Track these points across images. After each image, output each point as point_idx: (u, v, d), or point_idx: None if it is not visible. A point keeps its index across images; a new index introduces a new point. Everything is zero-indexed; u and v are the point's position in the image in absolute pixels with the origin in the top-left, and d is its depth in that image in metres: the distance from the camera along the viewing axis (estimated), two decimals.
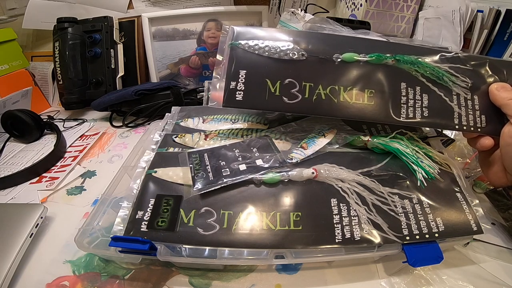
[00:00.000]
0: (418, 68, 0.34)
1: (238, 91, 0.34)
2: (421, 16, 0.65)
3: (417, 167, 0.33)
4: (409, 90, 0.35)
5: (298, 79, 0.35)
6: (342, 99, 0.34)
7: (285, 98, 0.34)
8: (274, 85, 0.35)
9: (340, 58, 0.35)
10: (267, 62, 0.35)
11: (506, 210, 0.35)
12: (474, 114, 0.34)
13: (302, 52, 0.35)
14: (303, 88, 0.35)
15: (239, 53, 0.35)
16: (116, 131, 0.61)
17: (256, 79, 0.35)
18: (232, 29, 0.36)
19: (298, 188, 0.32)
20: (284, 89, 0.35)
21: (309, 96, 0.34)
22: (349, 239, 0.29)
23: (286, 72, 0.35)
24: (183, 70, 0.73)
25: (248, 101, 0.35)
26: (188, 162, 0.34)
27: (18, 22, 0.71)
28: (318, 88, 0.35)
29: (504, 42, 0.54)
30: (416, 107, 0.34)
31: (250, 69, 0.35)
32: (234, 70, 0.35)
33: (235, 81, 0.35)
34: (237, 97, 0.34)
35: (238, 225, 0.30)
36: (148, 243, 0.28)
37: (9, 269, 0.31)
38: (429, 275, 0.32)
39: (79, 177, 0.48)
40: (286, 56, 0.35)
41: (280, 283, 0.32)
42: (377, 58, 0.35)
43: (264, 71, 0.35)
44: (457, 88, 0.35)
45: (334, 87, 0.35)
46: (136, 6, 0.72)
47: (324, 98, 0.34)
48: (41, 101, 0.72)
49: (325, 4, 0.76)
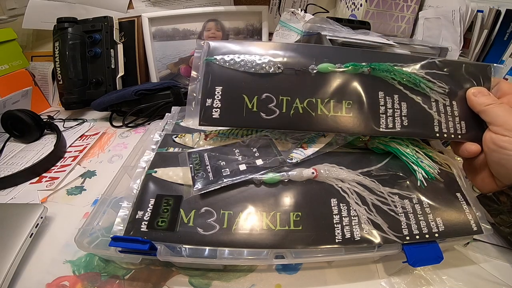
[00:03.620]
0: (394, 75, 0.34)
1: (215, 109, 0.34)
2: (421, 16, 0.65)
3: (417, 167, 0.33)
4: (387, 99, 0.34)
5: (275, 93, 0.34)
6: (320, 112, 0.34)
7: (262, 114, 0.34)
8: (252, 101, 0.34)
9: (316, 69, 0.34)
10: (243, 77, 0.34)
11: (498, 215, 0.34)
12: (454, 121, 0.34)
13: (278, 65, 0.34)
14: (280, 103, 0.34)
15: (215, 68, 0.34)
16: (116, 131, 0.61)
17: (232, 95, 0.34)
18: (208, 44, 0.35)
19: (298, 188, 0.32)
20: (261, 105, 0.34)
21: (287, 110, 0.34)
22: (349, 239, 0.29)
23: (263, 86, 0.34)
24: (183, 70, 0.73)
25: (225, 119, 0.34)
26: (188, 162, 0.34)
27: (18, 22, 0.71)
28: (296, 102, 0.34)
29: (504, 42, 0.54)
30: (396, 116, 0.34)
31: (226, 85, 0.34)
32: (210, 87, 0.34)
33: (211, 98, 0.34)
34: (213, 115, 0.34)
35: (238, 225, 0.30)
36: (148, 243, 0.28)
37: (9, 269, 0.31)
38: (429, 275, 0.32)
39: (79, 177, 0.48)
40: (262, 70, 0.34)
41: (280, 283, 0.32)
42: (353, 68, 0.34)
43: (240, 86, 0.34)
44: (435, 94, 0.34)
45: (312, 99, 0.34)
46: (136, 6, 0.72)
47: (301, 112, 0.34)
48: (41, 101, 0.72)
49: (325, 4, 0.76)
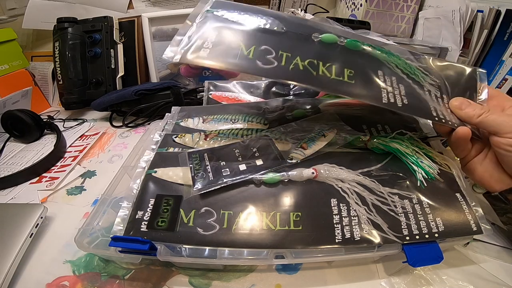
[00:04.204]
0: (393, 59, 0.34)
1: (204, 48, 0.31)
2: (421, 16, 0.65)
3: (417, 167, 0.33)
4: (386, 78, 0.33)
5: (275, 47, 0.33)
6: (322, 73, 0.32)
7: (259, 62, 0.32)
8: (248, 49, 0.32)
9: (319, 38, 0.34)
10: (243, 28, 0.33)
11: (504, 214, 0.34)
12: (447, 111, 0.34)
13: (282, 26, 0.34)
14: (279, 56, 0.32)
15: (213, 19, 0.33)
16: (116, 131, 0.61)
17: (227, 40, 0.32)
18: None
19: (298, 188, 0.32)
20: (258, 54, 0.32)
21: (286, 64, 0.32)
22: (349, 239, 0.29)
23: (263, 40, 0.33)
24: (183, 70, 0.73)
25: (214, 59, 0.31)
26: (188, 162, 0.34)
27: (18, 22, 0.71)
28: (296, 59, 0.32)
29: (504, 42, 0.54)
30: (396, 94, 0.33)
31: (222, 31, 0.33)
32: (204, 30, 0.32)
33: (203, 39, 0.32)
34: (200, 54, 0.31)
35: (238, 225, 0.30)
36: (148, 243, 0.28)
37: (9, 269, 0.31)
38: (429, 275, 0.32)
39: (79, 177, 0.48)
40: (264, 25, 0.33)
41: (280, 283, 0.32)
42: (354, 43, 0.34)
43: (238, 35, 0.33)
44: (428, 85, 0.34)
45: (313, 61, 0.33)
46: (136, 6, 0.72)
47: (302, 69, 0.32)
48: (41, 101, 0.72)
49: (325, 4, 0.76)
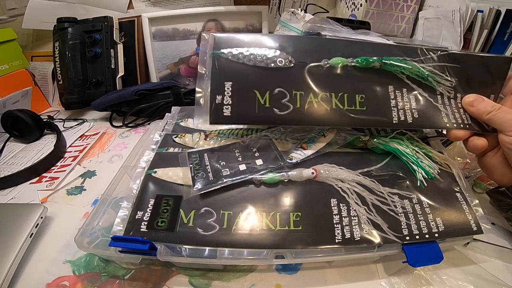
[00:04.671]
0: (403, 70, 0.34)
1: (225, 106, 0.32)
2: (421, 16, 0.65)
3: (417, 167, 0.33)
4: (397, 93, 0.34)
5: (287, 88, 0.33)
6: (335, 106, 0.33)
7: (276, 110, 0.32)
8: (264, 96, 0.32)
9: (329, 64, 0.34)
10: (254, 71, 0.33)
11: (509, 210, 0.35)
12: (459, 112, 0.34)
13: (289, 59, 0.33)
14: (293, 97, 0.33)
15: (223, 63, 0.33)
16: (116, 131, 0.61)
17: (243, 90, 0.32)
18: (213, 36, 0.34)
19: (298, 188, 0.32)
20: (274, 100, 0.33)
21: (301, 105, 0.33)
22: (349, 239, 0.29)
23: (275, 81, 0.33)
24: (183, 70, 0.73)
25: (237, 116, 0.32)
26: (188, 162, 0.34)
27: (18, 22, 0.71)
28: (310, 97, 0.33)
29: (504, 42, 0.54)
30: (406, 109, 0.34)
31: (236, 80, 0.33)
32: (218, 83, 0.32)
33: (221, 94, 0.32)
34: (224, 113, 0.32)
35: (238, 225, 0.30)
36: (148, 243, 0.28)
37: (9, 269, 0.31)
38: (429, 275, 0.32)
39: (79, 177, 0.48)
40: (273, 63, 0.33)
41: (280, 283, 0.32)
42: (365, 63, 0.34)
43: (251, 81, 0.33)
44: (441, 87, 0.34)
45: (325, 94, 0.33)
46: (136, 6, 0.72)
47: (316, 106, 0.33)
48: (41, 101, 0.72)
49: (325, 4, 0.76)
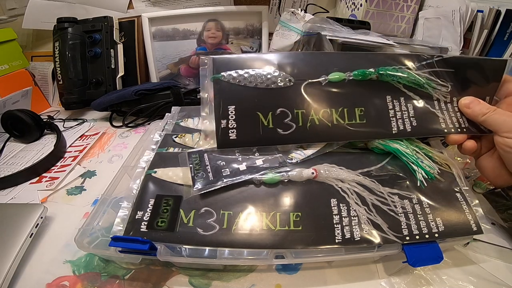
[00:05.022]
0: (400, 79, 0.35)
1: (231, 130, 0.33)
2: (421, 16, 0.65)
3: (417, 167, 0.33)
4: (395, 102, 0.35)
5: (289, 107, 0.34)
6: (336, 121, 0.34)
7: (279, 130, 0.34)
8: (267, 118, 0.34)
9: (327, 79, 0.35)
10: (255, 93, 0.34)
11: (505, 211, 0.35)
12: (456, 116, 0.35)
13: (288, 78, 0.34)
14: (295, 116, 0.34)
15: (224, 86, 0.34)
16: (116, 131, 0.61)
17: (246, 113, 0.34)
18: (211, 59, 0.35)
19: (298, 188, 0.32)
20: (277, 120, 0.34)
21: (303, 123, 0.34)
22: (349, 239, 0.29)
23: (276, 101, 0.34)
24: (183, 70, 0.73)
25: (243, 139, 0.33)
26: (188, 162, 0.34)
27: (18, 22, 0.71)
28: (311, 114, 0.34)
29: (504, 42, 0.54)
30: (404, 118, 0.35)
31: (238, 103, 0.34)
32: (222, 107, 0.33)
33: (225, 119, 0.33)
34: (230, 137, 0.33)
35: (238, 225, 0.30)
36: (148, 243, 0.28)
37: (9, 269, 0.31)
38: (429, 275, 0.32)
39: (79, 177, 0.48)
40: (273, 84, 0.34)
41: (280, 283, 0.32)
42: (362, 75, 0.35)
43: (253, 103, 0.34)
44: (437, 93, 0.35)
45: (326, 110, 0.34)
46: (136, 6, 0.72)
47: (318, 124, 0.34)
48: (41, 101, 0.72)
49: (325, 4, 0.76)
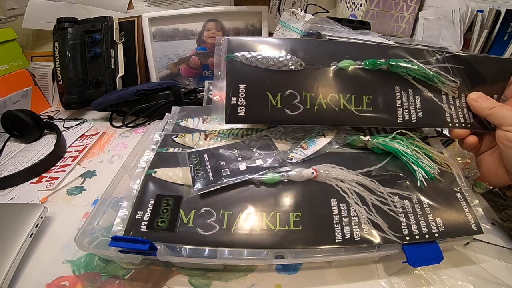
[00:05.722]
0: (410, 71, 0.35)
1: (240, 107, 0.34)
2: (421, 16, 0.65)
3: (417, 167, 0.33)
4: (403, 93, 0.36)
5: (298, 90, 0.35)
6: (343, 106, 0.35)
7: (287, 110, 0.34)
8: (275, 98, 0.35)
9: (338, 66, 0.35)
10: (266, 74, 0.35)
11: (503, 211, 0.35)
12: (462, 111, 0.36)
13: (300, 62, 0.35)
14: (304, 99, 0.35)
15: (237, 66, 0.35)
16: (116, 131, 0.61)
17: (256, 92, 0.35)
18: (226, 40, 0.35)
19: (298, 188, 0.32)
20: (285, 101, 0.35)
21: (311, 106, 0.35)
22: (349, 239, 0.29)
23: (286, 83, 0.35)
24: (183, 70, 0.73)
25: (251, 116, 0.34)
26: (188, 162, 0.34)
27: (18, 22, 0.71)
28: (319, 98, 0.35)
29: (504, 42, 0.54)
30: (411, 109, 0.35)
31: (249, 82, 0.35)
32: (233, 85, 0.34)
33: (236, 96, 0.34)
34: (239, 113, 0.34)
35: (238, 225, 0.30)
36: (148, 243, 0.28)
37: (9, 269, 0.31)
38: (429, 275, 0.32)
39: (79, 177, 0.48)
40: (284, 67, 0.35)
41: (280, 283, 0.32)
42: (372, 65, 0.35)
43: (264, 84, 0.35)
44: (446, 88, 0.36)
45: (334, 95, 0.35)
46: (136, 6, 0.72)
47: (325, 107, 0.35)
48: (41, 101, 0.72)
49: (325, 4, 0.76)
